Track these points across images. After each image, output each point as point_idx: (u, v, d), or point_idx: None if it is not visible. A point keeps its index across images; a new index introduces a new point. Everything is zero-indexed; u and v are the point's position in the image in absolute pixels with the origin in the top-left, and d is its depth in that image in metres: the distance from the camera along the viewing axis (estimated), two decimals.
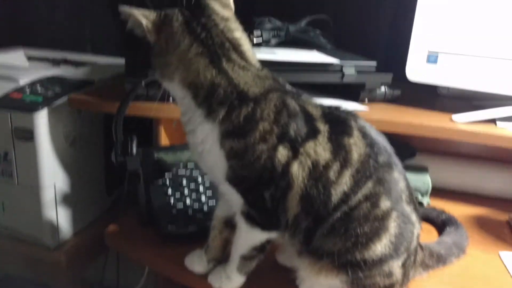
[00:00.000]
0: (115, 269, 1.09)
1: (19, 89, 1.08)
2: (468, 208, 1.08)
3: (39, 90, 1.09)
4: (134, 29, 0.71)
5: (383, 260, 0.69)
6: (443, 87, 1.22)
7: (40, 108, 1.02)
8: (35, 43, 1.51)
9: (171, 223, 0.84)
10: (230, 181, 0.69)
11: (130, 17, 0.69)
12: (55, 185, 1.09)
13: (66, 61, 1.42)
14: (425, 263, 0.79)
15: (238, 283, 0.76)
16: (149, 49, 0.71)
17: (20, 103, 1.04)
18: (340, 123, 0.70)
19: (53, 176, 1.08)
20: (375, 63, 1.09)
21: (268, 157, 0.66)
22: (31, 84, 1.12)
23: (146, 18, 0.69)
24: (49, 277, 1.12)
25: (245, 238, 0.73)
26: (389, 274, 0.70)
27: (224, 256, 0.78)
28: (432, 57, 1.06)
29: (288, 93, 0.70)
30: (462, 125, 1.00)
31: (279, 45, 1.19)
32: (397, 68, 1.10)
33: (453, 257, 0.84)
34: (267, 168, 0.66)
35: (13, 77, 1.14)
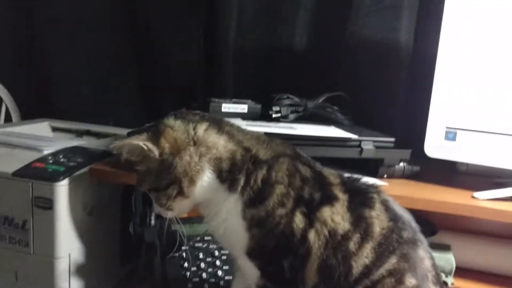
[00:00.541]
0: None
1: (42, 159, 1.10)
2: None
3: (61, 160, 1.11)
4: (128, 158, 0.72)
5: None
6: (462, 163, 1.22)
7: (61, 178, 1.03)
8: (60, 116, 1.56)
9: None
10: (250, 254, 0.68)
11: (124, 147, 0.71)
12: (70, 255, 1.07)
13: (89, 132, 1.46)
14: None
15: None
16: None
17: (42, 172, 1.05)
18: (361, 194, 0.70)
19: (69, 247, 1.07)
20: (393, 139, 1.10)
21: (287, 223, 0.66)
22: (54, 154, 1.14)
23: (146, 142, 0.70)
24: None
25: None
26: None
27: None
28: (451, 134, 1.06)
29: (299, 157, 0.71)
30: (484, 202, 0.98)
31: (297, 120, 1.21)
32: (415, 144, 1.11)
33: None
34: (286, 235, 0.66)
35: (37, 147, 1.17)
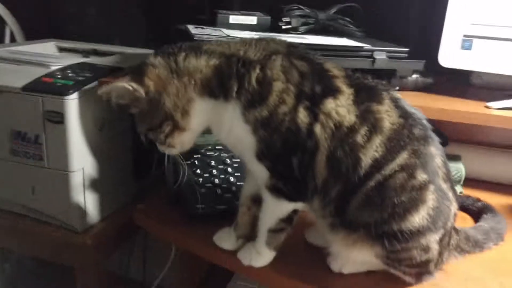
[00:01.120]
0: (140, 258, 1.09)
1: (50, 74, 1.09)
2: (503, 198, 1.04)
3: (70, 75, 1.10)
4: (118, 102, 0.72)
5: (420, 232, 0.67)
6: (476, 76, 1.19)
7: (71, 92, 1.03)
8: (66, 37, 1.54)
9: (200, 202, 0.83)
10: (259, 156, 0.68)
11: (112, 91, 0.71)
12: (83, 169, 1.09)
13: (95, 52, 1.44)
14: (460, 247, 0.77)
15: (268, 258, 0.75)
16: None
17: (51, 86, 1.05)
18: (368, 89, 0.69)
19: (82, 160, 1.09)
20: (407, 49, 1.06)
21: (291, 119, 0.66)
22: (62, 69, 1.13)
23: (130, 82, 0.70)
24: (75, 260, 1.13)
25: (272, 211, 0.72)
26: (426, 249, 0.69)
27: (252, 233, 0.78)
28: (467, 43, 1.03)
29: (293, 53, 0.69)
30: (497, 111, 0.97)
31: (309, 32, 1.18)
32: (429, 57, 1.08)
33: (491, 243, 0.81)
34: (292, 131, 0.66)
35: (44, 63, 1.16)
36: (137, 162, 1.26)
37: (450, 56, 1.05)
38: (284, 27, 1.14)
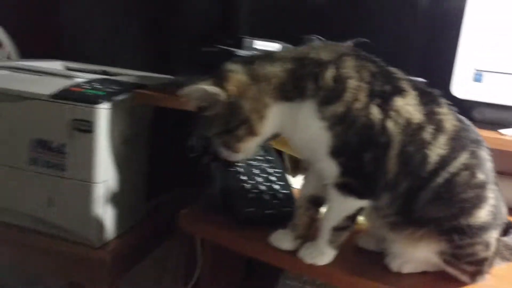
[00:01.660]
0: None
1: (78, 85, 1.09)
2: None
3: (98, 86, 1.10)
4: (197, 103, 0.75)
5: (485, 228, 0.72)
6: (478, 112, 1.28)
7: (103, 101, 1.03)
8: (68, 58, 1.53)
9: (249, 206, 0.84)
10: (334, 153, 0.71)
11: (193, 92, 0.74)
12: (106, 182, 1.07)
13: (105, 72, 1.44)
14: (502, 253, 0.81)
15: (330, 257, 0.76)
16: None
17: (82, 95, 1.04)
18: (428, 94, 0.74)
19: (106, 172, 1.07)
20: (425, 81, 1.14)
21: (365, 115, 0.70)
22: (88, 82, 1.13)
23: (213, 86, 0.73)
24: (90, 277, 1.08)
25: (338, 209, 0.74)
26: (488, 245, 0.73)
27: (309, 234, 0.80)
28: (478, 76, 1.13)
29: (361, 55, 0.75)
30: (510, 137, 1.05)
31: None
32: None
33: None
34: (367, 127, 0.70)
35: (67, 75, 1.16)
36: (151, 181, 1.24)
37: (464, 88, 1.14)
38: None
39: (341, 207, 0.74)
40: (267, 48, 1.21)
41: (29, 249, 1.10)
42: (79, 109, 1.02)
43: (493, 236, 0.73)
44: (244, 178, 0.89)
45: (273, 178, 0.91)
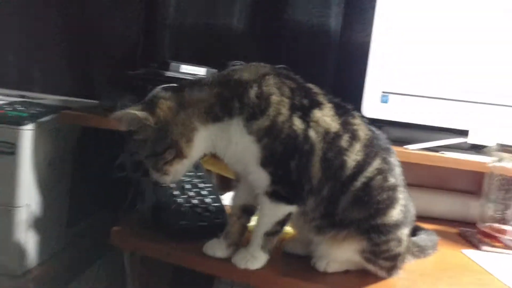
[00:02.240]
0: None
1: None
2: (424, 224, 1.22)
3: (20, 108, 1.08)
4: (127, 127, 0.78)
5: (397, 225, 0.79)
6: (386, 131, 1.41)
7: (26, 122, 1.01)
8: None
9: (183, 219, 0.86)
10: (263, 163, 0.76)
11: (124, 117, 0.77)
12: (28, 206, 1.04)
13: (24, 97, 1.40)
14: (411, 250, 0.89)
15: (263, 261, 0.80)
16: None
17: (4, 116, 1.01)
18: (342, 106, 0.82)
19: (28, 196, 1.03)
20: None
21: (289, 126, 0.75)
22: (9, 104, 1.10)
23: (142, 111, 0.76)
24: None
25: (269, 215, 0.79)
26: (400, 241, 0.80)
27: (241, 241, 0.83)
28: (385, 97, 1.25)
29: (281, 74, 0.81)
30: (414, 152, 1.18)
31: None
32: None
33: (430, 250, 0.95)
34: (291, 137, 0.75)
35: None
36: (76, 204, 1.22)
37: (372, 108, 1.26)
38: None
39: (272, 213, 0.79)
40: (193, 72, 1.25)
41: None
42: (1, 130, 0.99)
43: (404, 232, 0.81)
44: (176, 193, 0.91)
45: (204, 192, 0.94)
